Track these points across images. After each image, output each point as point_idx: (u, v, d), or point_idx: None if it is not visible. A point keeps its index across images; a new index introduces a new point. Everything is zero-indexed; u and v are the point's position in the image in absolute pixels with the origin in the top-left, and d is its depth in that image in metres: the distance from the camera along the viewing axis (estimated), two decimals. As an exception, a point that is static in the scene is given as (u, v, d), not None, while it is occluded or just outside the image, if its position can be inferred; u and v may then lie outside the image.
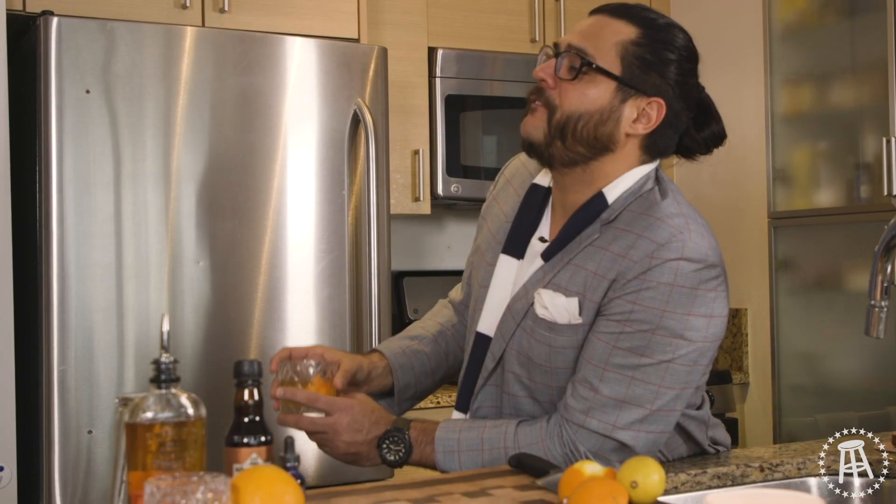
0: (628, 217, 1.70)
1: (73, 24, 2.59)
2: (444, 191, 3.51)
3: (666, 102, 1.71)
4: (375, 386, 1.90)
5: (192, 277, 2.70)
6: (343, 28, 3.17)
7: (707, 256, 1.66)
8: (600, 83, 1.69)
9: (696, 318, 1.64)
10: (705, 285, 1.65)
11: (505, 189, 1.93)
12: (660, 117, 1.71)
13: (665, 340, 1.63)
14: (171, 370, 1.25)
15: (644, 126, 1.72)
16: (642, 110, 1.71)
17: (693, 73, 1.75)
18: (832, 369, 3.51)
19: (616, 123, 1.70)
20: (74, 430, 2.56)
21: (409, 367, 1.94)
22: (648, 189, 1.74)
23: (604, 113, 1.70)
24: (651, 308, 1.63)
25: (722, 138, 1.83)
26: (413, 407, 2.00)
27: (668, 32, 1.72)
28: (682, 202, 1.74)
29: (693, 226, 1.68)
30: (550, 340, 1.70)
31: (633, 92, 1.70)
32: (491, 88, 3.61)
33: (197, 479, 1.12)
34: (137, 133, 2.65)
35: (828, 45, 3.51)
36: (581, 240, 1.72)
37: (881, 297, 1.79)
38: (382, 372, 1.91)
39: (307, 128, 2.85)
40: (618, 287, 1.65)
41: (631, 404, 1.64)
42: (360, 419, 1.74)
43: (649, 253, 1.64)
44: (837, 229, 3.46)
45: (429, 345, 1.99)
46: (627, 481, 1.33)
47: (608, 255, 1.67)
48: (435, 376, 1.99)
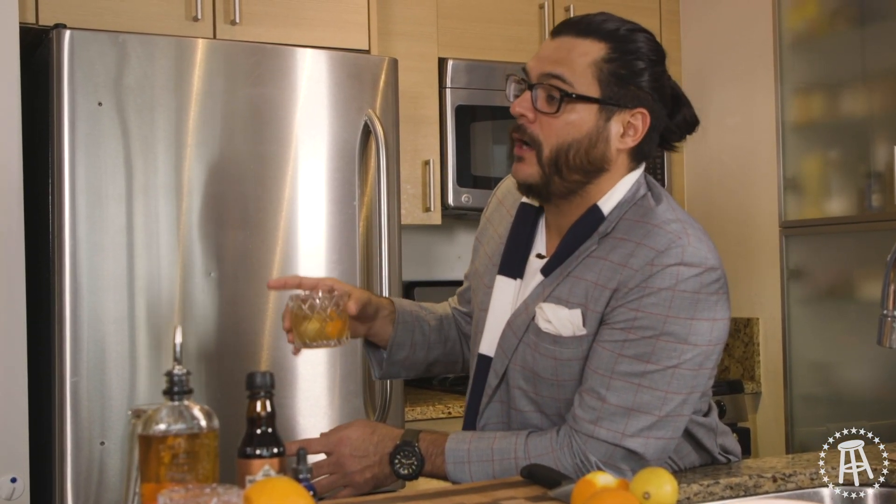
0: (625, 226, 1.70)
1: (85, 37, 2.61)
2: (454, 201, 3.51)
3: (648, 110, 1.72)
4: (378, 329, 1.91)
5: (204, 289, 2.71)
6: (353, 39, 3.18)
7: (706, 260, 1.66)
8: (582, 109, 1.69)
9: (699, 322, 1.64)
10: (707, 289, 1.65)
11: (498, 210, 1.93)
12: (645, 126, 1.72)
13: (670, 346, 1.63)
14: (183, 382, 1.26)
15: (633, 138, 1.72)
16: (627, 123, 1.71)
17: (664, 73, 1.75)
18: (844, 379, 3.49)
19: (606, 143, 1.71)
20: (87, 442, 2.56)
21: (411, 330, 1.96)
22: (642, 196, 1.74)
23: (592, 136, 1.70)
24: (654, 314, 1.63)
25: (694, 124, 1.81)
26: (398, 375, 2.01)
27: (634, 41, 1.72)
28: (676, 207, 1.75)
29: (690, 230, 1.68)
30: (556, 353, 1.70)
31: (615, 109, 1.70)
32: (501, 99, 3.61)
33: (210, 491, 1.13)
34: (149, 145, 2.66)
35: (838, 54, 3.51)
36: (580, 253, 1.72)
37: (894, 306, 1.78)
38: (388, 316, 1.92)
39: (318, 139, 2.86)
40: (620, 296, 1.65)
41: (639, 411, 1.64)
42: (360, 445, 1.75)
43: (649, 260, 1.64)
44: (849, 238, 3.45)
45: (434, 321, 2.01)
46: (640, 492, 1.33)
47: (608, 265, 1.68)
48: (429, 353, 2.00)
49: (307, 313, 1.72)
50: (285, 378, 2.78)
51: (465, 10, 3.60)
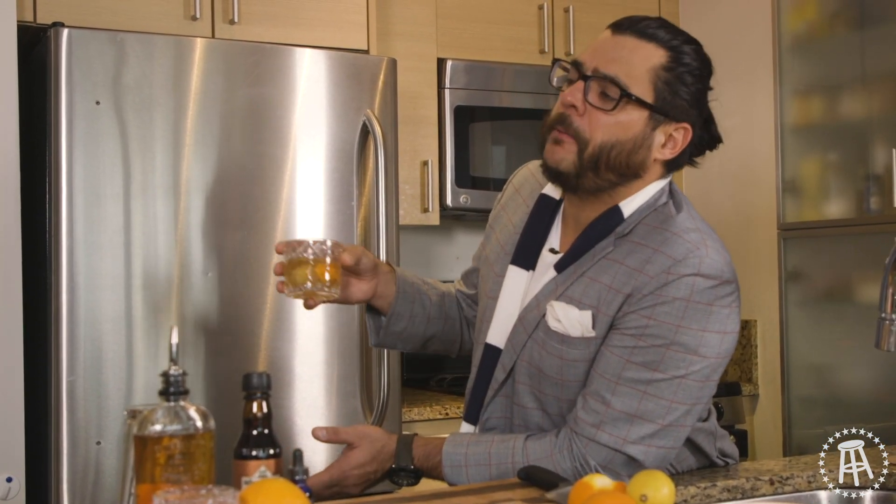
0: (643, 231, 1.69)
1: (83, 36, 2.60)
2: (453, 202, 3.51)
3: (691, 125, 1.70)
4: (382, 289, 1.90)
5: (201, 288, 2.70)
6: (352, 39, 3.18)
7: (723, 272, 1.65)
8: (634, 112, 1.67)
9: (710, 335, 1.64)
10: (721, 301, 1.64)
11: (513, 198, 1.92)
12: (686, 141, 1.71)
13: (679, 356, 1.63)
14: (179, 383, 1.25)
15: (671, 150, 1.71)
16: (669, 135, 1.70)
17: (707, 90, 1.74)
18: (842, 381, 3.49)
19: (647, 151, 1.69)
20: (83, 442, 2.56)
21: (410, 301, 1.94)
22: (663, 203, 1.73)
23: (637, 141, 1.68)
24: (666, 323, 1.62)
25: (718, 142, 1.80)
26: (395, 346, 2.01)
27: (690, 54, 1.70)
28: (696, 216, 1.74)
29: (710, 241, 1.68)
30: (562, 353, 1.70)
31: (663, 119, 1.68)
32: (500, 99, 3.61)
33: (205, 492, 1.12)
34: (147, 144, 2.65)
35: (837, 57, 3.50)
36: (595, 253, 1.71)
37: (892, 309, 1.78)
38: (388, 278, 1.91)
39: (316, 139, 2.86)
40: (633, 302, 1.64)
41: (642, 419, 1.64)
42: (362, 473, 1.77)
43: (666, 268, 1.63)
44: (847, 241, 3.45)
45: (436, 296, 2.00)
46: (637, 495, 1.32)
47: (623, 269, 1.66)
48: (428, 328, 1.98)
49: (301, 256, 1.72)
50: (282, 379, 2.78)
51: (465, 11, 3.59)
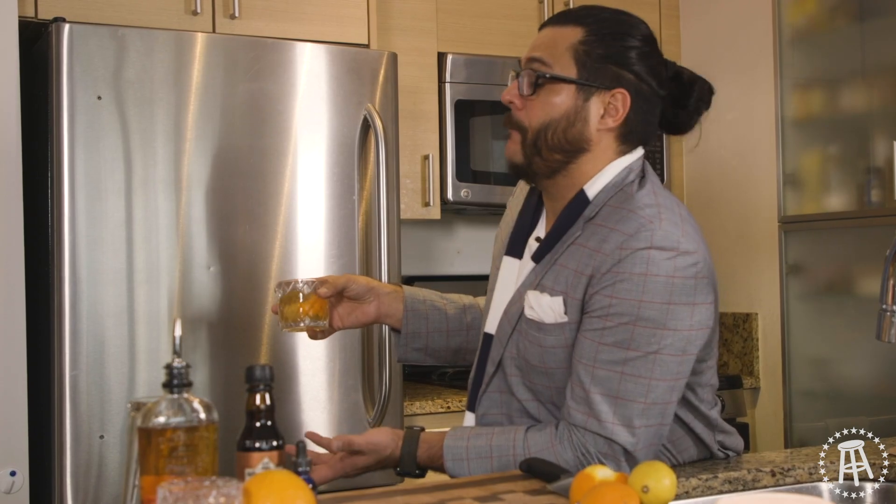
0: (606, 211, 1.72)
1: (84, 31, 2.60)
2: (453, 196, 3.51)
3: (629, 91, 1.73)
4: (387, 309, 1.97)
5: (203, 282, 2.71)
6: (353, 34, 3.18)
7: (678, 244, 1.64)
8: (561, 90, 1.73)
9: (677, 307, 1.64)
10: (682, 273, 1.64)
11: (518, 196, 1.97)
12: (626, 107, 1.73)
13: (648, 332, 1.63)
14: (183, 375, 1.26)
15: (613, 119, 1.74)
16: (608, 104, 1.73)
17: (653, 53, 1.77)
18: (843, 374, 3.50)
19: (584, 123, 1.73)
20: (86, 435, 2.56)
21: (423, 317, 1.99)
22: (629, 182, 1.74)
23: (569, 116, 1.73)
24: (628, 300, 1.63)
25: (711, 92, 1.82)
26: (423, 362, 2.05)
27: (615, 23, 1.75)
28: (659, 192, 1.74)
29: (666, 214, 1.67)
30: (540, 340, 1.72)
31: (593, 89, 1.72)
32: (500, 93, 3.60)
33: (209, 484, 1.13)
34: (148, 139, 2.66)
35: (838, 50, 3.50)
36: (566, 239, 1.74)
37: (893, 301, 1.78)
38: (392, 297, 1.97)
39: (317, 133, 2.86)
40: (595, 282, 1.66)
41: (624, 399, 1.64)
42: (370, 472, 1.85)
43: (619, 244, 1.65)
44: (848, 234, 3.45)
45: (454, 309, 2.03)
46: (639, 486, 1.33)
47: (585, 252, 1.69)
48: (450, 341, 2.02)
49: (287, 294, 1.87)
50: (285, 372, 2.78)
51: (465, 5, 3.59)
